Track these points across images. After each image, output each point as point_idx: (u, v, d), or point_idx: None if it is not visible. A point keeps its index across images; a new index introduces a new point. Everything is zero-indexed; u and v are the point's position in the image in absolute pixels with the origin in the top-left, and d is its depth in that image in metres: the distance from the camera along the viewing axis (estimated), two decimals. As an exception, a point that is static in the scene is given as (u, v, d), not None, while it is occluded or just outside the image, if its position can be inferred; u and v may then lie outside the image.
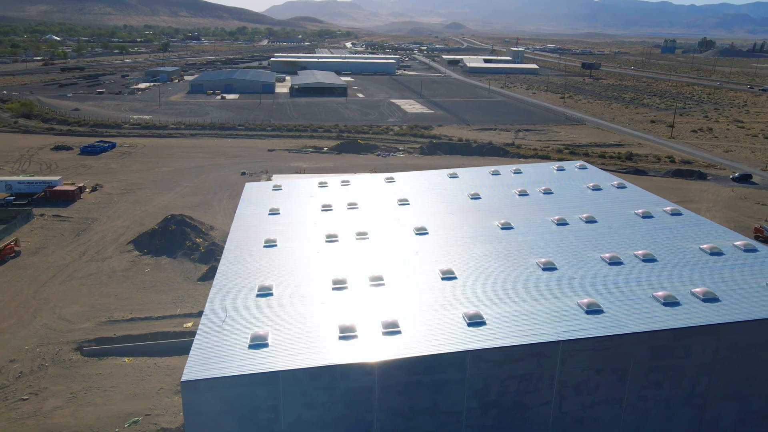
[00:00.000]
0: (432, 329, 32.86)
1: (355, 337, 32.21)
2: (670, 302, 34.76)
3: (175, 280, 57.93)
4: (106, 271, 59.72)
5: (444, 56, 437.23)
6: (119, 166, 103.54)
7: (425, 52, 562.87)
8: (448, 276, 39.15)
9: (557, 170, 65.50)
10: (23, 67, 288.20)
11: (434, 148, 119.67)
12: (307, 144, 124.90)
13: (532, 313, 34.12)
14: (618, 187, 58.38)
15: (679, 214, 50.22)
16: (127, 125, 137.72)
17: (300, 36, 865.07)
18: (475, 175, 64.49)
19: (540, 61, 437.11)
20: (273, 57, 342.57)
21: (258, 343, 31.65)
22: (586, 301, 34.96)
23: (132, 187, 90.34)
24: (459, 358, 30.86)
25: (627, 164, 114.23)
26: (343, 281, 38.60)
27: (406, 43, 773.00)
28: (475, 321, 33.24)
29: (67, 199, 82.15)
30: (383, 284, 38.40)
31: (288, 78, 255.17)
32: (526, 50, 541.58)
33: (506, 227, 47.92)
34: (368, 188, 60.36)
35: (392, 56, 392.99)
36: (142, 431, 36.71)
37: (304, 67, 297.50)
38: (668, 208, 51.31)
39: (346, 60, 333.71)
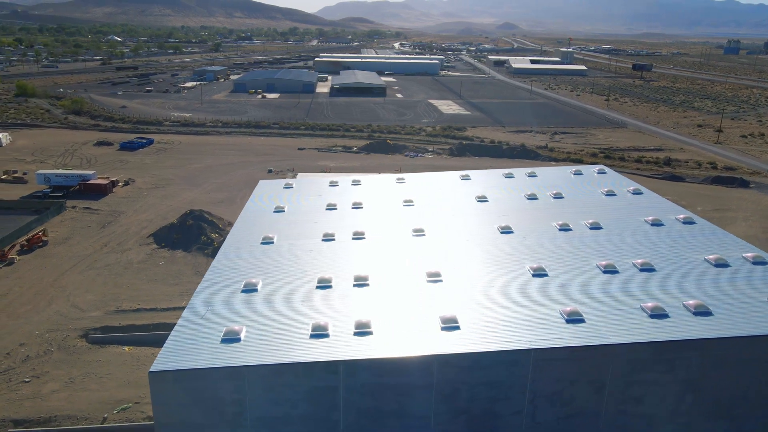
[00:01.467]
0: (404, 332, 32.57)
1: (326, 336, 32.29)
2: (658, 314, 33.30)
3: (185, 274, 59.61)
4: (123, 263, 62.07)
5: (490, 57, 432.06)
6: (153, 161, 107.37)
7: (473, 53, 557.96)
8: (433, 279, 38.71)
9: (574, 174, 63.78)
10: (83, 66, 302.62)
11: (463, 150, 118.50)
12: (337, 143, 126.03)
13: (511, 320, 33.35)
14: (633, 193, 56.32)
15: (691, 222, 48.00)
16: (167, 122, 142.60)
17: (349, 36, 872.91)
18: (487, 178, 63.51)
19: (590, 62, 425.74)
20: (317, 57, 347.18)
21: (230, 337, 32.18)
22: (568, 309, 33.91)
23: (162, 182, 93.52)
24: (426, 362, 30.49)
25: (664, 170, 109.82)
26: (328, 280, 38.74)
27: (455, 43, 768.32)
28: (450, 325, 32.76)
29: (99, 192, 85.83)
30: (367, 285, 38.31)
31: (330, 78, 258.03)
32: (578, 51, 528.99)
33: (506, 231, 46.99)
34: (377, 189, 60.31)
35: (436, 57, 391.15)
36: (129, 418, 37.98)
37: (348, 67, 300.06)
38: (681, 216, 49.13)
39: (389, 60, 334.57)
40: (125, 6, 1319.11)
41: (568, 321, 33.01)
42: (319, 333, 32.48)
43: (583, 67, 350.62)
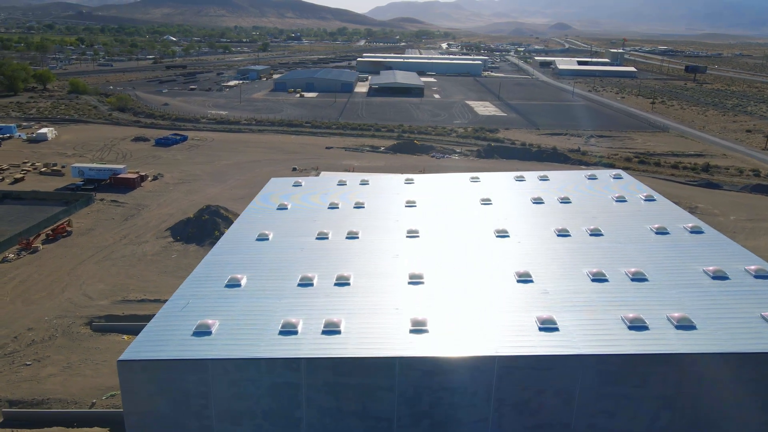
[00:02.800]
0: (373, 332, 32.50)
1: (294, 333, 32.56)
2: (637, 326, 32.05)
3: (195, 267, 61.01)
4: (138, 254, 64.25)
5: (536, 58, 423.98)
6: (184, 157, 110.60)
7: (522, 54, 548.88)
8: (416, 281, 38.47)
9: (588, 178, 62.06)
10: (135, 65, 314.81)
11: (491, 152, 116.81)
12: (366, 143, 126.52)
13: (483, 325, 32.77)
14: (645, 200, 54.34)
15: (699, 232, 45.88)
16: (204, 120, 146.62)
17: (397, 37, 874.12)
18: (496, 180, 62.52)
19: (642, 63, 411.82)
20: (359, 57, 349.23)
21: (202, 331, 32.85)
22: (545, 316, 33.08)
23: (189, 178, 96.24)
24: (387, 364, 30.31)
25: (700, 176, 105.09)
26: (310, 279, 39.02)
27: (504, 44, 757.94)
28: (419, 328, 32.49)
29: (128, 186, 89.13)
30: (348, 284, 38.40)
31: (370, 78, 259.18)
32: (631, 52, 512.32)
33: (502, 235, 46.20)
34: (383, 189, 60.29)
35: (480, 57, 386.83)
36: (116, 404, 39.28)
37: (389, 67, 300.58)
38: (689, 224, 47.07)
39: (431, 61, 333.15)
40: (182, 7, 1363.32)
41: (541, 329, 32.21)
42: (289, 330, 32.77)
43: (632, 69, 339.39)
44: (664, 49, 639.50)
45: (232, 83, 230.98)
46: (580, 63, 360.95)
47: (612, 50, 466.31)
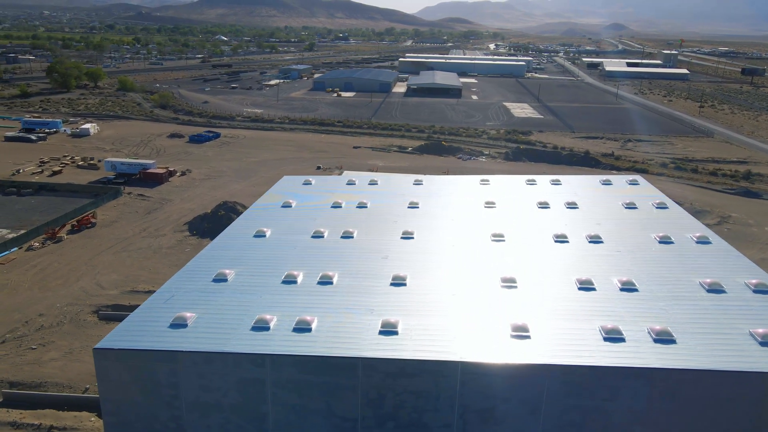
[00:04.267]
0: (343, 332, 32.53)
1: (266, 329, 32.96)
2: (613, 337, 30.97)
3: (204, 261, 62.57)
4: (154, 247, 66.37)
5: (584, 59, 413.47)
6: (215, 154, 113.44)
7: (571, 55, 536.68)
8: (398, 282, 38.31)
9: (602, 183, 60.39)
10: (184, 63, 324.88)
11: (519, 155, 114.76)
12: (394, 143, 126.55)
13: (453, 329, 32.35)
14: (657, 207, 52.39)
15: (706, 242, 43.92)
16: (239, 117, 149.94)
17: (445, 37, 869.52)
18: (506, 183, 61.52)
19: (697, 65, 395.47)
20: (401, 57, 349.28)
21: (178, 323, 33.66)
22: (519, 323, 32.38)
23: (215, 174, 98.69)
24: (350, 364, 30.31)
25: (740, 184, 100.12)
26: (294, 276, 39.40)
27: (554, 45, 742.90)
28: (388, 330, 32.34)
29: (156, 180, 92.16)
30: (331, 283, 38.58)
31: (409, 78, 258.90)
32: (688, 53, 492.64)
33: (498, 239, 45.47)
34: (390, 190, 60.21)
35: (524, 58, 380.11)
36: (107, 390, 40.70)
37: (431, 67, 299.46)
38: (697, 234, 45.10)
39: (473, 61, 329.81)
40: (236, 7, 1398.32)
41: (513, 336, 31.54)
42: (261, 326, 33.20)
43: (684, 71, 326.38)
44: (724, 50, 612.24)
45: (272, 82, 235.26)
46: (629, 64, 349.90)
47: (665, 51, 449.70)
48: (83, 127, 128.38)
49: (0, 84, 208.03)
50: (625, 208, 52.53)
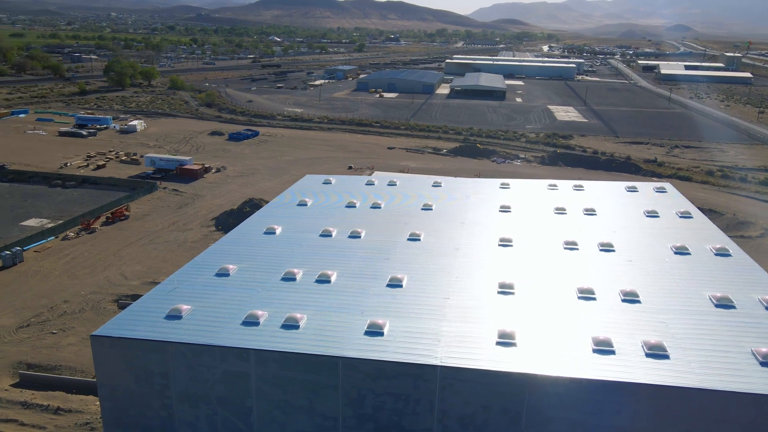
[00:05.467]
0: (329, 331, 32.67)
1: (255, 324, 33.51)
2: (602, 349, 29.92)
3: (225, 256, 64.15)
4: (180, 241, 68.51)
5: (639, 62, 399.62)
6: (251, 152, 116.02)
7: (629, 57, 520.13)
8: (394, 284, 38.21)
9: (627, 190, 58.43)
10: (236, 63, 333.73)
11: (556, 159, 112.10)
12: (429, 144, 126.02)
13: (440, 333, 32.01)
14: (680, 216, 50.28)
15: (725, 255, 41.82)
16: (279, 116, 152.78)
17: (497, 39, 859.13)
18: (526, 188, 60.33)
19: (764, 69, 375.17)
20: (448, 59, 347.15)
21: (173, 315, 34.63)
22: (507, 330, 31.73)
23: (249, 171, 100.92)
24: (331, 362, 30.43)
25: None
26: (294, 274, 39.85)
27: (611, 47, 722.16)
28: (374, 331, 32.31)
29: (191, 176, 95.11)
30: (328, 282, 38.84)
31: (453, 79, 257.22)
32: (755, 56, 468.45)
33: (505, 244, 44.71)
34: (408, 191, 60.04)
35: (575, 60, 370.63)
36: (115, 377, 42.34)
37: (477, 69, 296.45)
38: (717, 246, 42.97)
39: (521, 63, 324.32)
40: (290, 9, 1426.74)
41: (498, 343, 30.94)
42: (251, 321, 33.77)
43: (747, 75, 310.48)
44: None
45: (318, 82, 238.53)
46: (687, 67, 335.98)
47: (728, 54, 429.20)
48: (130, 123, 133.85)
49: (62, 82, 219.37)
50: (646, 216, 50.60)
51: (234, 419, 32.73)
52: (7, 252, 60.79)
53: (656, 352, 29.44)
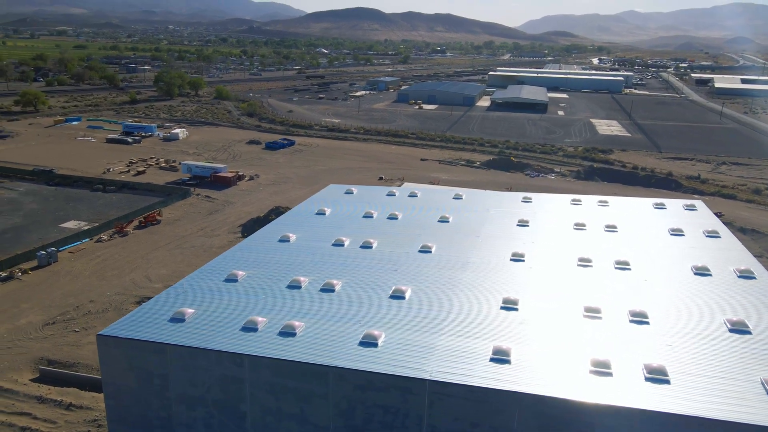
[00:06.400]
0: (324, 340, 32.76)
1: (254, 331, 33.94)
2: (600, 371, 28.92)
3: (247, 262, 65.26)
4: (206, 246, 70.18)
5: (693, 75, 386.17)
6: (286, 161, 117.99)
7: (683, 70, 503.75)
8: (397, 295, 38.05)
9: (654, 207, 56.54)
10: (281, 74, 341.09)
11: (592, 174, 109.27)
12: (463, 157, 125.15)
13: (434, 347, 31.61)
14: (707, 236, 48.23)
15: (749, 277, 39.84)
16: (317, 126, 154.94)
17: (545, 51, 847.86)
18: (548, 202, 59.15)
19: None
20: (491, 71, 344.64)
21: (177, 318, 35.45)
22: (503, 347, 31.06)
23: (281, 180, 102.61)
24: (322, 372, 30.47)
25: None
26: (299, 283, 40.20)
27: (665, 59, 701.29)
28: (369, 342, 32.23)
29: (224, 184, 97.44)
30: (332, 291, 39.01)
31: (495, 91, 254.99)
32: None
33: (517, 259, 43.96)
34: (427, 203, 59.79)
35: (623, 73, 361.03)
36: (128, 376, 43.57)
37: (521, 81, 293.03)
38: (742, 267, 40.91)
39: (566, 76, 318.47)
40: (339, 22, 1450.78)
41: (492, 359, 30.34)
42: (250, 327, 34.23)
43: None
44: None
45: (359, 93, 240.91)
46: (744, 81, 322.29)
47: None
48: (173, 131, 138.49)
49: (116, 91, 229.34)
50: (671, 234, 48.71)
51: (229, 423, 33.13)
52: (43, 252, 63.71)
53: (657, 377, 28.19)
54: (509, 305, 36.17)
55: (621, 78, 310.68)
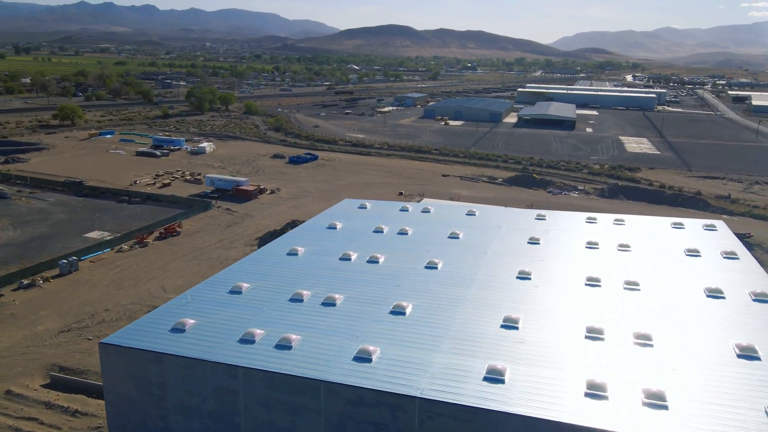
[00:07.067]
0: (319, 354, 32.70)
1: (251, 343, 34.13)
2: (595, 394, 28.15)
3: (261, 275, 65.83)
4: (222, 258, 71.12)
5: (729, 92, 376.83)
6: (307, 175, 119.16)
7: (720, 87, 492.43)
8: (397, 311, 37.83)
9: (672, 227, 55.16)
10: (311, 90, 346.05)
11: (616, 192, 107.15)
12: (485, 173, 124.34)
13: (429, 364, 31.25)
14: (725, 257, 46.79)
15: (765, 301, 38.36)
16: (341, 142, 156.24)
17: (578, 68, 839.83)
18: (562, 220, 58.27)
19: None
20: (520, 87, 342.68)
21: (178, 328, 35.92)
22: (498, 367, 30.52)
23: (301, 194, 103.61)
24: (313, 386, 30.39)
25: None
26: (302, 296, 40.34)
27: (702, 76, 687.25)
28: (363, 357, 32.07)
29: (246, 197, 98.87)
30: (333, 305, 39.03)
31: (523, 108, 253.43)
32: None
33: (523, 277, 43.33)
34: (439, 219, 59.53)
35: (656, 90, 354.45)
36: (135, 385, 44.20)
37: (550, 98, 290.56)
38: (758, 291, 39.44)
39: (596, 93, 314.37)
40: (372, 38, 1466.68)
41: (486, 378, 29.87)
42: (247, 339, 34.43)
43: None
44: None
45: (386, 109, 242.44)
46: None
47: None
48: (200, 145, 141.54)
49: (150, 106, 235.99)
50: (686, 254, 47.35)
51: (224, 435, 33.24)
52: (64, 261, 65.51)
53: (655, 402, 27.26)
54: (510, 324, 35.59)
55: (653, 95, 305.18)
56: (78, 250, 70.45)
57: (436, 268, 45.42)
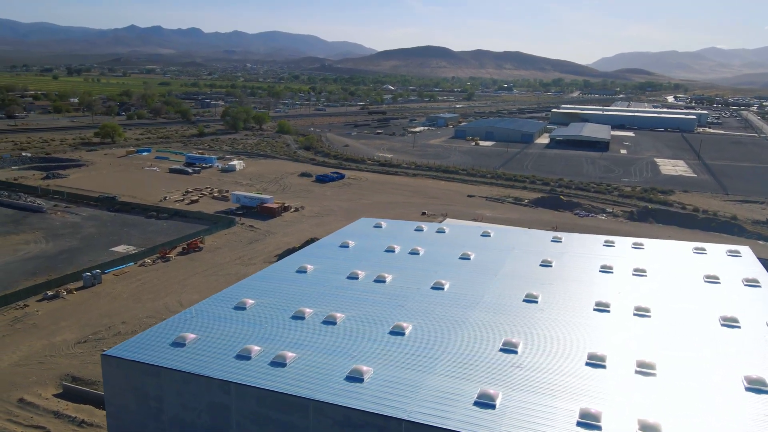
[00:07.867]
0: (312, 372, 32.62)
1: (247, 359, 34.33)
2: (588, 423, 27.23)
3: (276, 292, 66.34)
4: (240, 274, 71.95)
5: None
6: (333, 194, 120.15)
7: (767, 109, 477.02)
8: (396, 331, 37.54)
9: (694, 252, 53.36)
10: (345, 110, 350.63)
11: (646, 215, 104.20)
12: (512, 194, 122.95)
13: (421, 386, 30.78)
14: (746, 285, 44.89)
15: (782, 332, 36.35)
16: (369, 161, 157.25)
17: (617, 89, 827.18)
18: (579, 243, 57.03)
19: None
20: (554, 108, 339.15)
21: (178, 342, 36.46)
22: (489, 392, 29.88)
23: (324, 212, 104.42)
24: (302, 404, 30.28)
25: None
26: (304, 313, 40.46)
27: (748, 98, 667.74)
28: (354, 377, 31.88)
29: (269, 214, 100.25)
30: (334, 324, 38.99)
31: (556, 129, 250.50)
32: None
33: (530, 300, 42.56)
34: (453, 240, 59.01)
35: (697, 112, 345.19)
36: (142, 397, 44.89)
37: (585, 119, 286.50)
38: (775, 321, 37.56)
39: (633, 114, 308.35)
40: (408, 59, 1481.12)
41: (476, 403, 29.28)
42: (243, 355, 34.66)
43: None
44: None
45: (417, 129, 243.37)
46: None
47: None
48: (231, 163, 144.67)
49: (187, 125, 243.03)
50: (705, 281, 45.64)
51: (217, 451, 33.32)
52: (88, 273, 67.51)
53: (648, 433, 26.09)
54: (509, 348, 34.83)
55: (693, 116, 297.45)
56: (103, 263, 72.54)
57: (443, 289, 44.94)
